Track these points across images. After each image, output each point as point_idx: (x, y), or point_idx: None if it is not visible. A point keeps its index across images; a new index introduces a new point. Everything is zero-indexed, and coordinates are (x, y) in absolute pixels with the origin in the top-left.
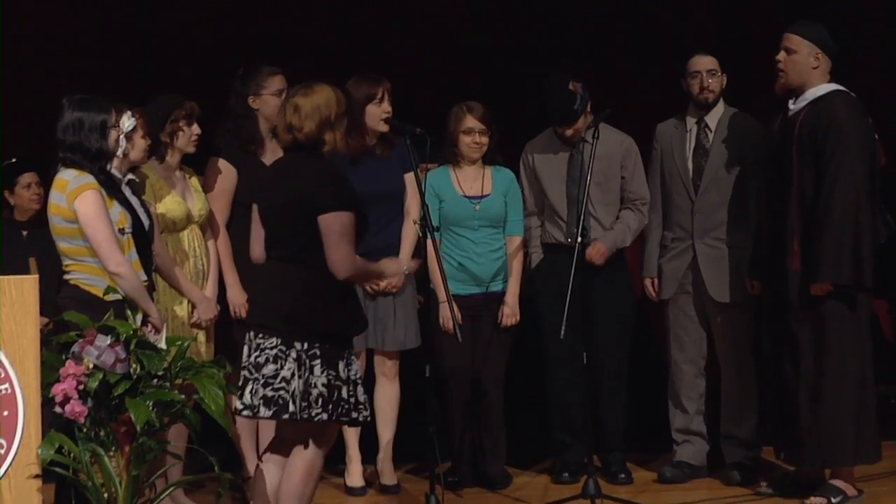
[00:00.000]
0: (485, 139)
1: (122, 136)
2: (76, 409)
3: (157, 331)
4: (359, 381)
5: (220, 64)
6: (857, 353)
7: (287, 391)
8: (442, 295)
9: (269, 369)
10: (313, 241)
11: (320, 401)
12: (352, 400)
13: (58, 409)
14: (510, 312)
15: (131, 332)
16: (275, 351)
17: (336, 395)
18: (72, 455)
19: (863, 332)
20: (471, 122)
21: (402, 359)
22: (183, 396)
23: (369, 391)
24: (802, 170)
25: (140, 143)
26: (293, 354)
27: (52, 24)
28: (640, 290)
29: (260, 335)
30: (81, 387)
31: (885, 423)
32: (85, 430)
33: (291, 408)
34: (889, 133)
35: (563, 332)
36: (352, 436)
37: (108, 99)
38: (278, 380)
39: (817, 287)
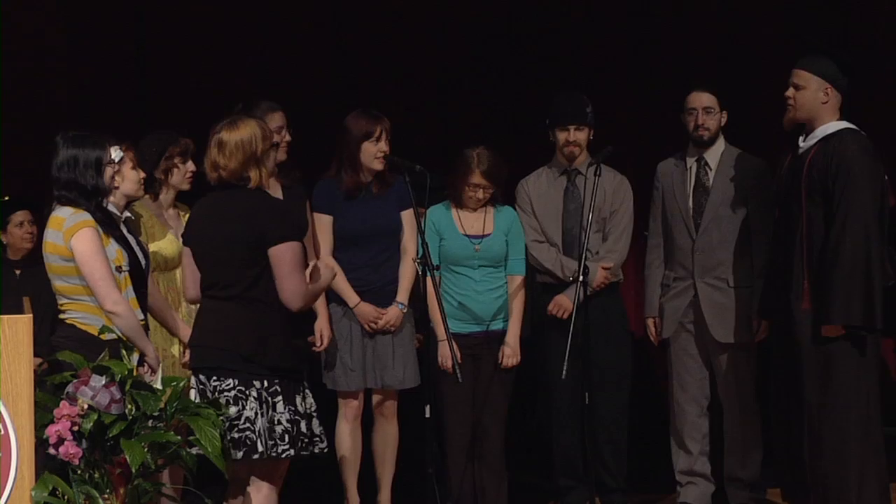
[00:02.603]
0: (487, 195)
1: (118, 174)
2: (70, 450)
3: (153, 371)
4: (314, 415)
5: (218, 100)
6: (863, 394)
7: (253, 431)
8: (441, 333)
9: (231, 411)
10: (263, 276)
11: (286, 437)
12: (308, 433)
13: (52, 451)
14: (511, 353)
15: (127, 373)
16: (234, 392)
17: (296, 429)
18: (66, 497)
19: (871, 373)
20: (477, 178)
21: (400, 398)
22: (178, 438)
23: (367, 431)
24: (811, 209)
25: (131, 175)
26: (253, 394)
27: (45, 60)
28: (641, 329)
29: (215, 378)
30: (76, 428)
31: (894, 465)
32: (79, 471)
33: (260, 447)
34: None
35: (564, 372)
36: (350, 478)
37: (102, 134)
38: (242, 420)
39: (828, 329)
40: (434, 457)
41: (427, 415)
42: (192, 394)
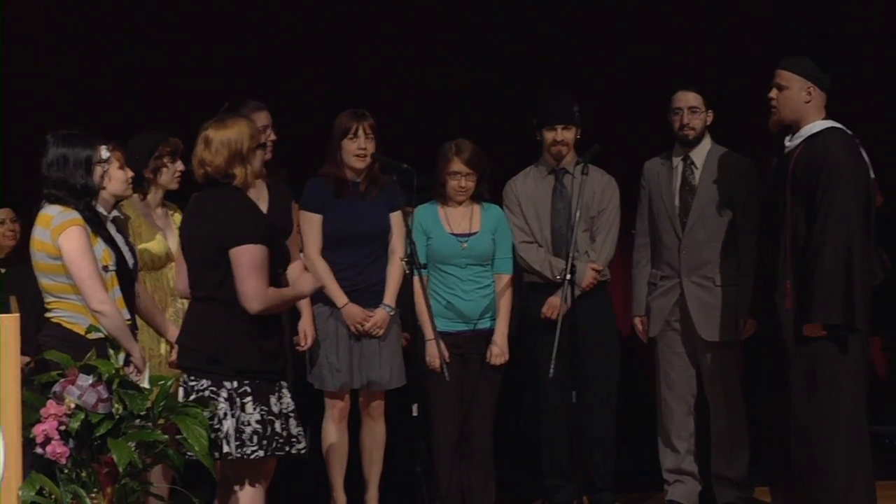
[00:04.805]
0: (470, 183)
1: (105, 174)
2: (57, 449)
3: (140, 370)
4: (291, 415)
5: (206, 99)
6: (849, 394)
7: (222, 431)
8: (429, 332)
9: (206, 412)
10: (228, 276)
11: (255, 438)
12: (284, 433)
13: (39, 450)
14: (499, 352)
15: (114, 372)
16: (207, 392)
17: (270, 430)
18: (53, 497)
19: (857, 372)
20: (457, 165)
21: (387, 398)
22: (166, 437)
23: (354, 431)
24: (796, 209)
25: (118, 175)
26: (224, 394)
27: (33, 60)
28: (629, 328)
29: (191, 378)
30: (63, 427)
31: (881, 464)
32: (66, 471)
33: (226, 448)
34: (886, 171)
35: (551, 370)
36: (337, 477)
37: (93, 134)
38: (215, 421)
39: (809, 328)
40: (421, 456)
41: (415, 414)
42: (181, 392)
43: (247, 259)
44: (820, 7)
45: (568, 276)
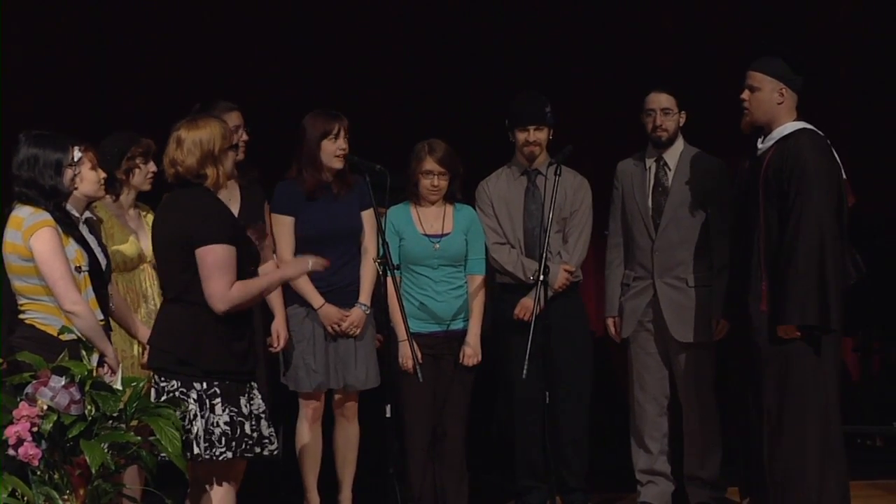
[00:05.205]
0: (443, 182)
1: (77, 175)
2: (30, 451)
3: (113, 371)
4: (262, 416)
5: (177, 100)
6: (822, 395)
7: (191, 432)
8: (402, 333)
9: (178, 413)
10: (197, 277)
11: (223, 439)
12: (255, 435)
13: (11, 452)
14: (472, 353)
15: (86, 373)
16: (176, 393)
17: (239, 431)
18: (25, 499)
19: (829, 373)
20: (430, 164)
21: (360, 399)
22: (139, 438)
23: (328, 431)
24: (768, 210)
25: (89, 176)
26: (193, 395)
27: (4, 61)
28: (601, 329)
29: (162, 379)
30: (35, 429)
31: (853, 464)
32: (39, 472)
33: (196, 449)
34: (858, 172)
35: (524, 371)
36: (311, 478)
37: (66, 136)
38: (185, 422)
39: (783, 329)
40: (395, 457)
41: (388, 415)
42: (152, 393)
43: (211, 259)
44: (791, 8)
45: (541, 278)
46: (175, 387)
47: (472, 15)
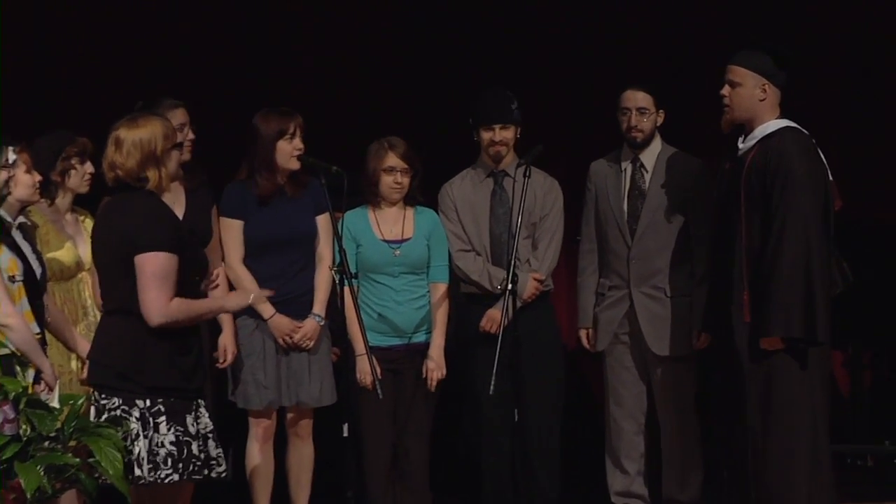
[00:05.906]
0: (406, 179)
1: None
2: None
3: (50, 388)
4: (210, 436)
5: (118, 97)
6: (808, 411)
7: (134, 453)
8: (360, 347)
9: (119, 432)
10: (136, 287)
11: (169, 460)
12: (202, 456)
13: None
14: (435, 366)
15: (21, 390)
16: (118, 411)
17: (186, 452)
18: None
19: (816, 387)
20: (392, 160)
21: (316, 417)
22: (77, 460)
23: (280, 452)
24: (751, 214)
25: (24, 180)
26: (136, 413)
27: None
28: (574, 341)
29: (102, 396)
30: None
31: (843, 485)
32: None
33: (139, 471)
34: (846, 173)
35: (492, 387)
36: (262, 501)
37: None
38: (128, 442)
39: (767, 341)
40: (353, 479)
41: (345, 434)
42: (92, 412)
43: (150, 268)
44: (773, 3)
45: (509, 287)
46: (116, 405)
47: (434, 7)
